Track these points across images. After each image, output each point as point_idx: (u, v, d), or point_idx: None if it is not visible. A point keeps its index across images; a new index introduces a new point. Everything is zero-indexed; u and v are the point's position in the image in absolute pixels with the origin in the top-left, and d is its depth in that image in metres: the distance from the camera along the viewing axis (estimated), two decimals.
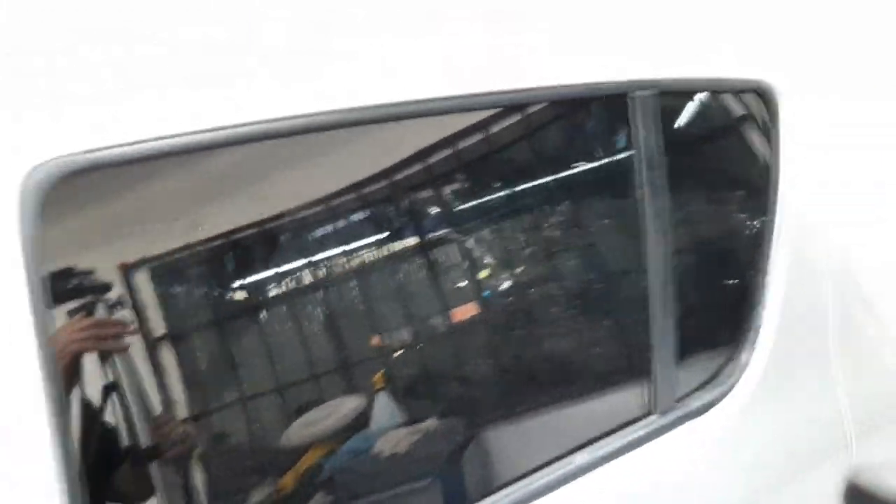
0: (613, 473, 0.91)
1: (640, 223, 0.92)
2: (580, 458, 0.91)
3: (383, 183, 0.84)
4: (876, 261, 1.11)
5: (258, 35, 0.65)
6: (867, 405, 1.08)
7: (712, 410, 0.97)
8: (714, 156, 1.05)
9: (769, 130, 1.00)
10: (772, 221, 1.00)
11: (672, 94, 0.93)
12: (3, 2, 0.54)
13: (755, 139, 1.03)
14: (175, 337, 0.73)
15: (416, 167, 0.87)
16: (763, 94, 0.98)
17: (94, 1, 0.58)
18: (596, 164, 0.93)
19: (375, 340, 0.87)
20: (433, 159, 0.89)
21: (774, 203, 1.00)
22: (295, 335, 0.81)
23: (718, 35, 0.99)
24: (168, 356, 0.72)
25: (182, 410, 0.74)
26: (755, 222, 1.01)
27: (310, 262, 0.81)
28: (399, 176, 0.85)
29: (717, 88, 0.97)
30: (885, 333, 1.11)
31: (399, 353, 0.88)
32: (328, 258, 0.82)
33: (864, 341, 1.09)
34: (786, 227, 1.00)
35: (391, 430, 0.85)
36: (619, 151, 0.91)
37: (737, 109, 1.02)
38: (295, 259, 0.80)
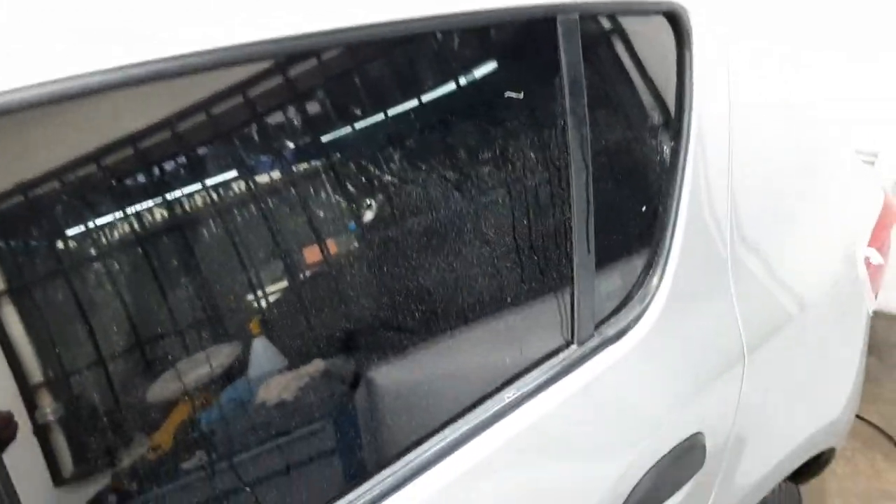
0: (537, 407, 0.91)
1: (563, 151, 0.89)
2: (508, 394, 0.90)
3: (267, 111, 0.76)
4: (756, 205, 1.16)
5: None
6: (756, 323, 1.15)
7: (628, 334, 0.99)
8: (621, 81, 1.03)
9: (679, 55, 1.00)
10: (681, 148, 1.01)
11: (589, 19, 0.90)
12: None
13: (660, 65, 1.02)
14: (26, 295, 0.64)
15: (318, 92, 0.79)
16: (675, 18, 0.97)
17: None
18: (518, 90, 0.88)
19: (249, 283, 0.79)
20: (345, 85, 0.81)
21: (683, 130, 1.01)
22: (159, 283, 0.72)
23: None
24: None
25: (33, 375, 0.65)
26: (666, 149, 1.01)
27: (177, 201, 0.71)
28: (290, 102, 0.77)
29: (631, 10, 0.95)
30: (767, 264, 1.18)
31: (280, 295, 0.81)
32: (198, 194, 0.72)
33: (751, 268, 1.14)
34: (692, 154, 1.01)
35: (273, 376, 0.79)
36: (542, 78, 0.87)
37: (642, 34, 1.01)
38: (159, 197, 0.70)
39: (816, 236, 1.28)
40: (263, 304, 0.79)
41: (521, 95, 0.87)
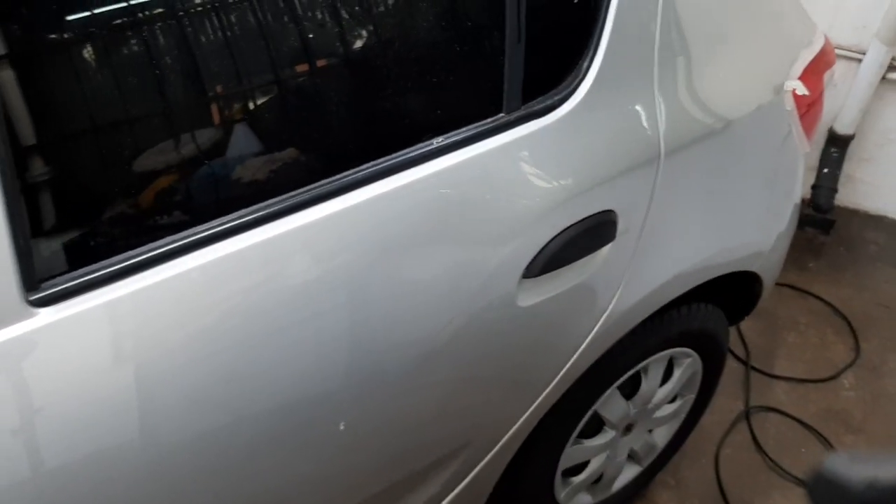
0: (461, 155, 1.07)
1: None
2: (436, 141, 1.06)
3: None
4: (694, 9, 1.27)
5: None
6: (676, 127, 1.29)
7: (554, 111, 1.14)
8: None
9: None
10: None
11: None
12: None
13: None
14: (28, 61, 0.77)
15: None
16: None
17: None
18: None
19: (235, 74, 0.93)
20: None
21: None
22: (154, 65, 0.86)
23: None
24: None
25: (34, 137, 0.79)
26: None
27: None
28: None
29: None
30: (695, 71, 1.30)
31: (261, 87, 0.96)
32: None
33: (679, 72, 1.27)
34: None
35: (249, 158, 0.94)
36: None
37: None
38: None
39: (749, 58, 1.40)
40: (248, 94, 0.94)
41: None
